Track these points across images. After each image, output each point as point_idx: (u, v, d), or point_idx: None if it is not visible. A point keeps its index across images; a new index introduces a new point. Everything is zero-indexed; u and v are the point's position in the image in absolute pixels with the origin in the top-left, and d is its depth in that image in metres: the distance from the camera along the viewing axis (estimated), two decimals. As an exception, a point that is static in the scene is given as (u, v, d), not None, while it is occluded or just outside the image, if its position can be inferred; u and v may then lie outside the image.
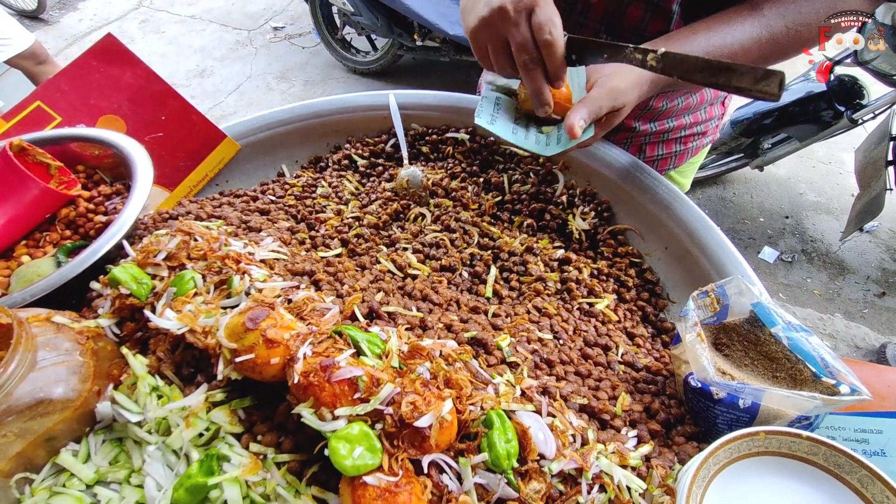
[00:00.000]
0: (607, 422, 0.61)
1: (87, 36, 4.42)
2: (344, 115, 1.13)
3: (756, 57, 0.79)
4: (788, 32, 0.77)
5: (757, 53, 0.78)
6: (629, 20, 0.87)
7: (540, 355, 0.67)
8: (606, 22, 0.89)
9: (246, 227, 0.84)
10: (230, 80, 3.92)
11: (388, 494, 0.44)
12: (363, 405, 0.48)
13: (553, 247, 0.89)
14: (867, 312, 2.44)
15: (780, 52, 0.79)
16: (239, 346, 0.52)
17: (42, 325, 0.56)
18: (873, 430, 0.59)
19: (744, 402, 0.55)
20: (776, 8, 0.77)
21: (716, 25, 0.78)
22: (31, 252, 0.79)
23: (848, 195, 2.87)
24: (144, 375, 0.56)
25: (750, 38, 0.77)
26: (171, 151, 0.99)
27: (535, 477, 0.49)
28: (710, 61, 0.62)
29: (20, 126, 0.89)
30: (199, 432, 0.53)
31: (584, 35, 0.86)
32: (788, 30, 0.77)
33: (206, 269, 0.64)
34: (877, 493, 0.48)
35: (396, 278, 0.82)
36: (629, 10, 0.86)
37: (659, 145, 1.05)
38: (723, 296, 0.66)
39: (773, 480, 0.52)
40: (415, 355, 0.54)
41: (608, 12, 0.88)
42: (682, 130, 1.05)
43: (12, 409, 0.49)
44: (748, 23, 0.77)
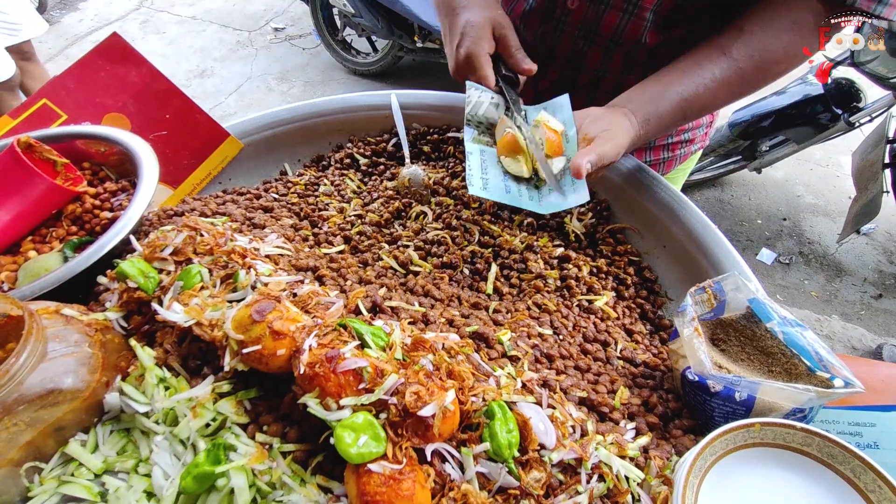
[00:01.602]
0: (606, 414, 0.62)
1: (87, 36, 4.43)
2: (346, 115, 1.14)
3: (725, 98, 0.83)
4: (757, 69, 0.79)
5: (726, 95, 0.82)
6: (606, 26, 0.89)
7: (540, 350, 0.68)
8: (584, 28, 0.91)
9: (250, 223, 0.85)
10: (230, 81, 3.94)
11: (392, 482, 0.45)
12: (368, 395, 0.49)
13: (553, 245, 0.90)
14: (864, 314, 2.45)
15: (749, 86, 0.82)
16: (246, 338, 0.53)
17: (52, 317, 0.57)
18: (867, 424, 0.60)
19: (740, 395, 0.56)
20: (744, 47, 0.78)
21: (686, 76, 0.80)
22: (38, 247, 0.80)
23: (845, 198, 2.90)
24: (152, 367, 0.57)
25: (720, 82, 0.79)
26: (175, 149, 1.00)
27: (536, 466, 0.50)
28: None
29: (27, 123, 0.90)
30: (205, 422, 0.54)
31: (563, 41, 0.93)
32: (757, 67, 0.79)
33: (213, 263, 0.65)
34: (869, 482, 0.49)
35: (398, 275, 0.83)
36: (606, 17, 0.88)
37: (646, 152, 1.07)
38: (720, 292, 0.67)
39: (767, 471, 0.53)
40: (418, 347, 0.55)
41: (586, 19, 0.90)
42: (669, 138, 1.06)
43: (23, 399, 0.50)
44: (717, 67, 0.79)
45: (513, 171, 0.80)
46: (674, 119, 0.82)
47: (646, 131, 0.81)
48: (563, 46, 0.95)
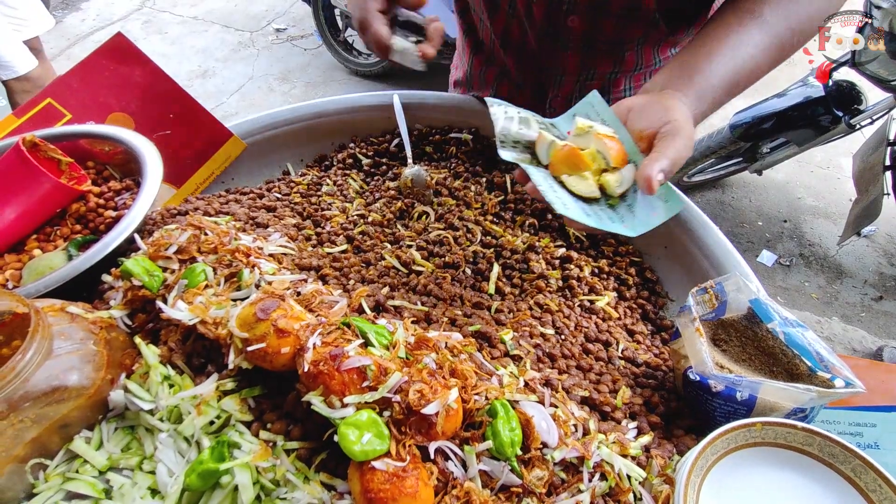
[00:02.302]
0: (608, 414, 0.62)
1: (89, 36, 4.44)
2: (348, 115, 1.15)
3: (767, 68, 0.75)
4: (792, 35, 0.74)
5: (768, 64, 0.75)
6: (615, 5, 0.87)
7: (542, 349, 0.68)
8: (593, 7, 0.89)
9: (253, 222, 0.85)
10: (232, 81, 3.94)
11: (395, 479, 0.45)
12: (372, 393, 0.49)
13: (555, 245, 0.90)
14: (864, 316, 2.45)
15: (784, 54, 0.76)
16: (250, 336, 0.53)
17: (57, 314, 0.58)
18: (867, 424, 0.61)
19: (741, 395, 0.56)
20: (776, 11, 0.73)
21: (726, 44, 0.72)
22: (43, 246, 0.80)
23: (846, 200, 2.90)
24: (156, 365, 0.58)
25: (761, 50, 0.73)
26: (179, 149, 1.00)
27: (538, 465, 0.50)
28: None
29: (31, 122, 0.91)
30: (210, 420, 0.54)
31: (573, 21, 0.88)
32: (792, 32, 0.74)
33: (217, 262, 0.65)
34: (869, 481, 0.50)
35: (401, 274, 0.83)
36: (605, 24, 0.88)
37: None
38: (721, 292, 0.67)
39: (769, 470, 0.53)
40: (421, 346, 0.56)
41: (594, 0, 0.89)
42: None
43: (29, 396, 0.51)
44: (755, 33, 0.72)
45: (580, 191, 0.66)
46: (725, 93, 0.72)
47: (702, 112, 0.70)
48: (572, 61, 0.94)
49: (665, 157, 0.60)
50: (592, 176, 0.66)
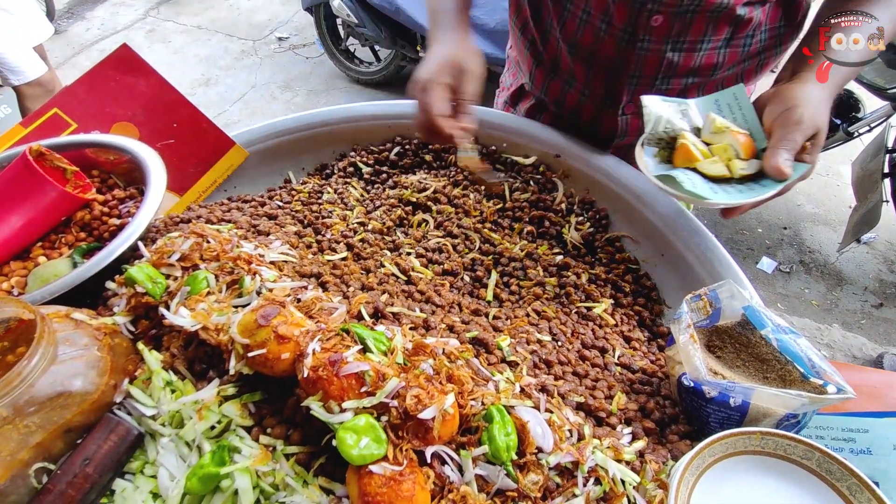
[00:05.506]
0: (603, 419, 0.63)
1: (94, 45, 4.49)
2: (350, 125, 1.16)
3: (889, 35, 0.79)
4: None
5: (891, 34, 0.79)
6: (707, 3, 0.84)
7: (539, 356, 0.69)
8: (680, 5, 0.86)
9: (255, 230, 0.87)
10: (235, 90, 3.97)
11: (392, 483, 0.46)
12: (370, 398, 0.50)
13: (552, 253, 0.92)
14: (864, 323, 2.45)
15: None
16: (251, 342, 0.54)
17: (62, 321, 0.59)
18: (860, 430, 0.61)
19: (734, 401, 0.57)
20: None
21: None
22: (48, 253, 0.81)
23: (845, 207, 2.90)
24: (159, 370, 0.59)
25: (885, 22, 0.77)
26: (182, 158, 1.02)
27: (534, 469, 0.51)
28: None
29: (38, 132, 0.92)
30: (211, 425, 0.55)
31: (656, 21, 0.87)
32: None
33: (219, 269, 0.66)
34: (864, 501, 0.50)
35: (400, 281, 0.84)
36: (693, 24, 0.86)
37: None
38: (715, 299, 0.68)
39: (765, 479, 0.54)
40: (419, 352, 0.57)
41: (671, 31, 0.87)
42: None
43: (34, 401, 0.52)
44: (873, 8, 0.76)
45: (713, 172, 0.76)
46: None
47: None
48: (650, 64, 0.93)
49: (783, 149, 0.68)
50: (722, 161, 0.76)
